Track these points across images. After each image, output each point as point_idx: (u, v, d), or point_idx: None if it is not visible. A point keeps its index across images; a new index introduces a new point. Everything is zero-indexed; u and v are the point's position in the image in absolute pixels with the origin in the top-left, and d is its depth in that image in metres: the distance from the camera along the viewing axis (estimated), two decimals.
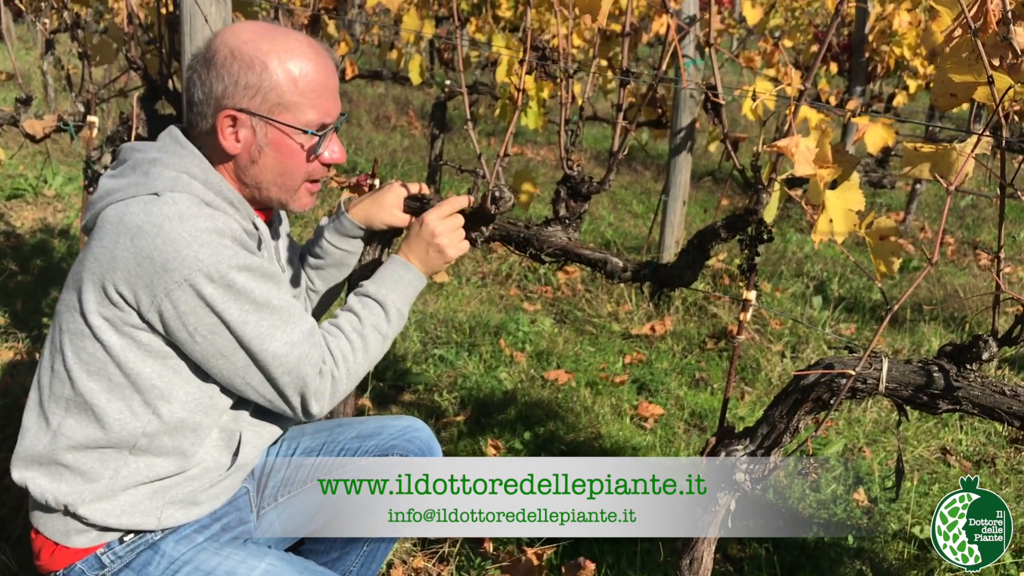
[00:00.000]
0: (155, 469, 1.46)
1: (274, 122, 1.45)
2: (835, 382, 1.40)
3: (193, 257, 1.32)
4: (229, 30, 1.47)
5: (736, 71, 12.04)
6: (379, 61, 8.05)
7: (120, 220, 1.36)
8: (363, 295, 1.61)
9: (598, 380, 3.51)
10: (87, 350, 1.40)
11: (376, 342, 1.57)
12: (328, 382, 1.48)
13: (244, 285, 1.36)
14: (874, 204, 6.89)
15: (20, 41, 12.79)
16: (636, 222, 6.00)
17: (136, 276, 1.33)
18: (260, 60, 1.42)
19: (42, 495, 1.44)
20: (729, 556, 2.45)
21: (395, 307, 1.61)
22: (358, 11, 6.13)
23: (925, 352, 3.95)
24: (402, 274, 1.64)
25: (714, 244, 1.61)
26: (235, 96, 1.43)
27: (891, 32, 5.21)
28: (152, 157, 1.44)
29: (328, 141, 1.53)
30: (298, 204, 1.57)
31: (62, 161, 6.28)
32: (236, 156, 1.48)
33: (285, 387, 1.44)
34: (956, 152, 1.32)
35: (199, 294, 1.33)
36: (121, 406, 1.42)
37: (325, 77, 1.48)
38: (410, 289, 1.65)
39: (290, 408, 1.47)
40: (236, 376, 1.42)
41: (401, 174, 6.73)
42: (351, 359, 1.52)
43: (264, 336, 1.39)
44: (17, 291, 3.89)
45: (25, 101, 2.87)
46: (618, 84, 1.76)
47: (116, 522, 1.44)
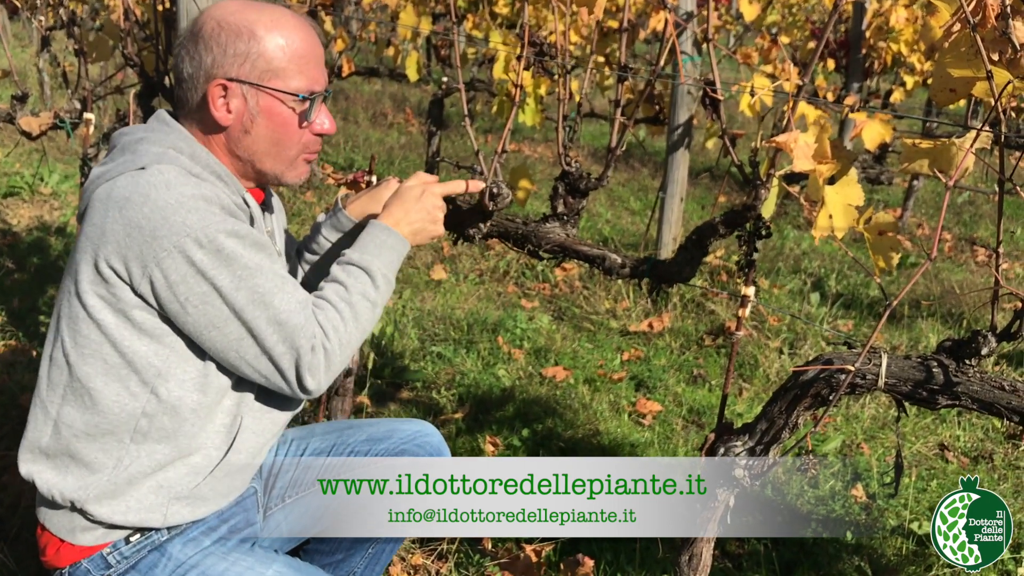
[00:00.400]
0: (156, 458, 1.44)
1: (265, 88, 1.45)
2: (834, 378, 1.40)
3: (181, 223, 1.31)
4: (215, 6, 1.47)
5: (733, 68, 12.04)
6: (376, 58, 8.04)
7: (108, 195, 1.35)
8: (346, 263, 1.55)
9: (596, 377, 3.51)
10: (82, 332, 1.39)
11: (365, 310, 1.52)
12: (321, 356, 1.43)
13: (234, 250, 1.34)
14: (871, 200, 6.89)
15: (16, 38, 12.77)
16: (634, 219, 6.00)
17: (126, 247, 1.32)
18: (248, 28, 1.43)
19: (48, 490, 1.44)
20: (728, 553, 2.45)
21: (381, 272, 1.55)
22: (355, 7, 6.12)
23: (923, 348, 3.95)
24: (384, 238, 1.58)
25: (712, 240, 1.61)
26: (224, 65, 1.43)
27: (888, 28, 5.22)
28: (139, 137, 1.44)
29: (318, 110, 1.52)
30: (294, 175, 1.55)
31: (59, 159, 6.27)
32: (228, 128, 1.47)
33: (280, 358, 1.40)
34: (955, 148, 1.32)
35: (189, 260, 1.32)
36: (119, 387, 1.41)
37: (311, 45, 1.49)
38: (394, 254, 1.59)
39: (286, 383, 1.43)
40: (230, 350, 1.40)
41: (398, 171, 6.73)
42: (342, 330, 1.47)
43: (258, 303, 1.37)
44: (14, 289, 3.89)
45: (21, 98, 2.86)
46: (616, 80, 1.76)
47: (122, 519, 1.44)
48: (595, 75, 4.96)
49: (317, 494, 1.79)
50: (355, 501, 1.84)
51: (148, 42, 2.82)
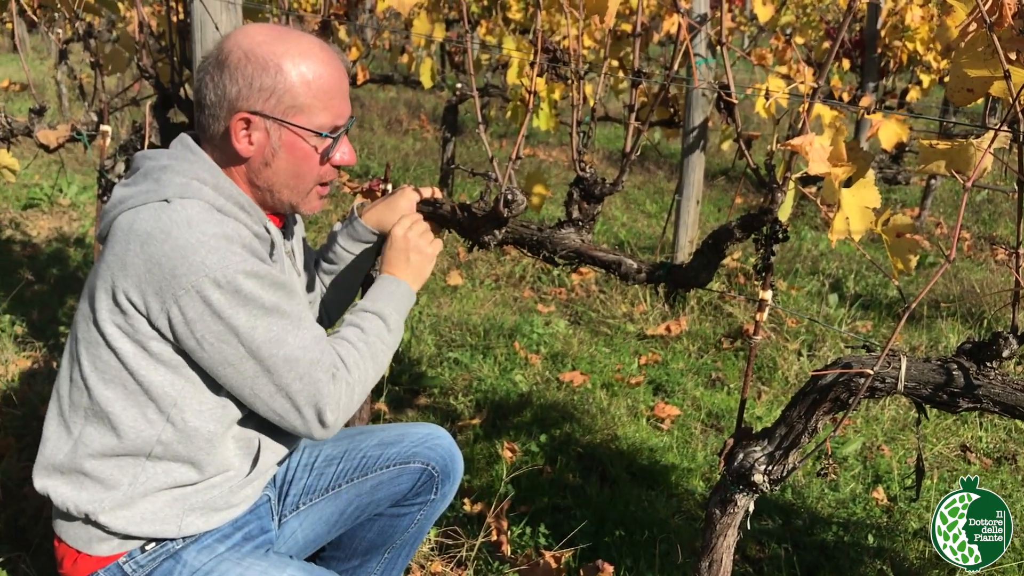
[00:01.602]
0: (173, 475, 1.46)
1: (289, 124, 1.45)
2: (853, 381, 1.39)
3: (200, 263, 1.32)
4: (241, 32, 1.46)
5: (748, 69, 12.01)
6: (390, 65, 8.07)
7: (130, 227, 1.36)
8: (360, 311, 1.61)
9: (614, 381, 3.50)
10: (102, 358, 1.40)
11: (381, 351, 1.57)
12: (343, 388, 1.46)
13: (252, 291, 1.35)
14: (889, 200, 6.85)
15: (34, 51, 12.88)
16: (650, 222, 5.98)
17: (145, 282, 1.33)
18: (274, 62, 1.42)
19: (64, 503, 1.45)
20: (748, 557, 2.44)
21: (392, 317, 1.61)
22: (369, 16, 6.14)
23: (943, 349, 3.92)
24: (392, 288, 1.65)
25: (729, 244, 1.60)
26: (249, 98, 1.42)
27: (903, 27, 5.18)
28: (163, 164, 1.44)
29: (340, 143, 1.52)
30: (308, 207, 1.56)
31: (77, 170, 6.31)
32: (249, 159, 1.47)
33: (296, 395, 1.41)
34: (973, 148, 1.31)
35: (206, 300, 1.33)
36: (136, 414, 1.42)
37: (337, 79, 1.48)
38: (403, 301, 1.66)
39: (302, 420, 1.44)
40: (245, 387, 1.41)
41: (414, 178, 6.74)
42: (361, 366, 1.51)
43: (274, 341, 1.38)
44: (33, 300, 3.91)
45: (39, 111, 2.88)
46: (630, 84, 1.75)
47: (137, 530, 1.45)
48: (609, 79, 4.96)
49: (331, 500, 1.79)
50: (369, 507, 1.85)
51: (163, 54, 2.83)
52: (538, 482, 2.71)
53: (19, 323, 3.63)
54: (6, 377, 3.10)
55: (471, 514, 2.54)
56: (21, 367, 3.20)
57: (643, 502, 2.65)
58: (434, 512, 1.88)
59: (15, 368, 3.18)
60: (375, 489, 1.81)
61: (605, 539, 2.45)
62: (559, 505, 2.62)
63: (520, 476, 2.71)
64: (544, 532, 2.47)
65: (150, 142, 2.65)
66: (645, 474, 2.83)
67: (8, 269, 4.31)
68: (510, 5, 5.68)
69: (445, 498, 1.88)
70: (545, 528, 2.48)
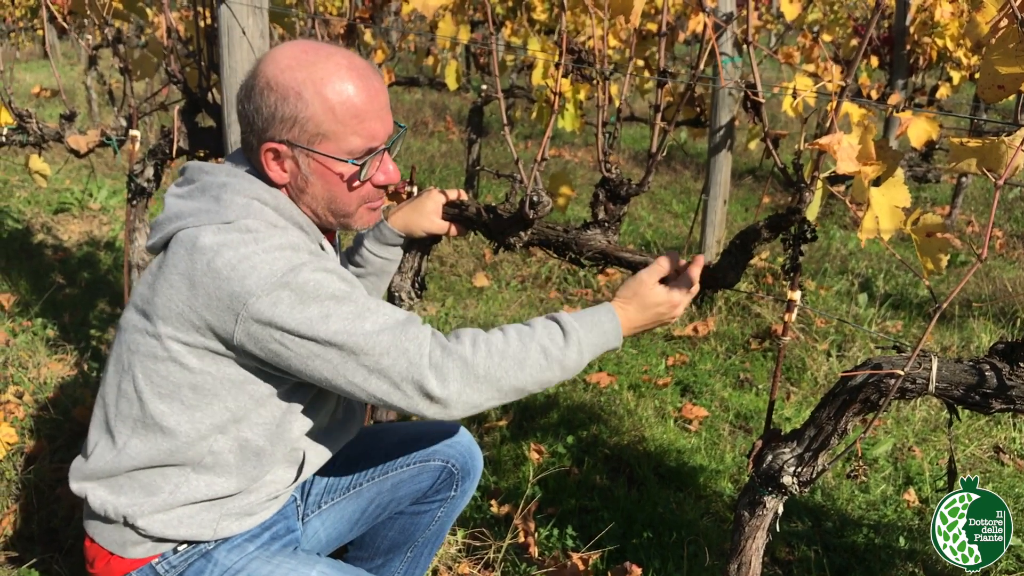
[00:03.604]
0: (215, 488, 1.47)
1: (315, 153, 1.42)
2: (883, 383, 1.37)
3: (268, 270, 1.31)
4: (269, 57, 1.42)
5: (775, 67, 11.92)
6: (416, 67, 8.08)
7: (194, 245, 1.35)
8: (553, 318, 1.50)
9: (641, 382, 3.49)
10: (160, 373, 1.40)
11: (536, 360, 1.43)
12: (455, 363, 1.36)
13: (320, 285, 1.33)
14: (919, 198, 6.78)
15: (65, 57, 13.05)
16: (676, 222, 5.96)
17: (217, 299, 1.32)
18: (295, 90, 1.38)
19: (102, 506, 1.46)
20: (778, 559, 2.42)
21: (577, 343, 1.46)
22: (394, 18, 6.16)
23: (975, 349, 3.87)
24: (603, 320, 1.52)
25: (757, 244, 1.58)
26: (273, 128, 1.40)
27: (932, 23, 5.12)
28: (221, 181, 1.43)
29: (376, 164, 1.48)
30: (359, 223, 1.54)
31: (107, 174, 6.38)
32: (286, 185, 1.47)
33: (388, 371, 1.34)
34: (1005, 145, 1.29)
35: (278, 302, 1.31)
36: (189, 429, 1.42)
37: (367, 99, 1.41)
38: (603, 338, 1.51)
39: (405, 397, 1.36)
40: (338, 376, 1.35)
41: (439, 180, 6.75)
42: (496, 358, 1.39)
43: (350, 325, 1.33)
44: (65, 304, 3.96)
45: (69, 117, 2.92)
46: (655, 84, 1.74)
47: (174, 533, 1.46)
48: (635, 79, 4.94)
49: (353, 499, 1.80)
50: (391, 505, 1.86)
51: (191, 59, 2.86)
52: (565, 484, 2.71)
53: (51, 326, 3.67)
54: (38, 380, 3.14)
55: (498, 516, 2.53)
56: (53, 370, 3.24)
57: (671, 504, 2.64)
58: (455, 509, 1.89)
59: (47, 371, 3.22)
60: (396, 487, 1.82)
61: (633, 541, 2.44)
62: (586, 507, 2.62)
63: (547, 478, 2.70)
64: (572, 534, 2.46)
65: (178, 146, 2.68)
66: (673, 476, 2.82)
67: (40, 273, 4.36)
68: (535, 6, 5.68)
69: (465, 495, 1.89)
70: (573, 530, 2.47)
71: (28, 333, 3.59)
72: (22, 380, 3.14)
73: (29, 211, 5.50)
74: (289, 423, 1.49)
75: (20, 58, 13.82)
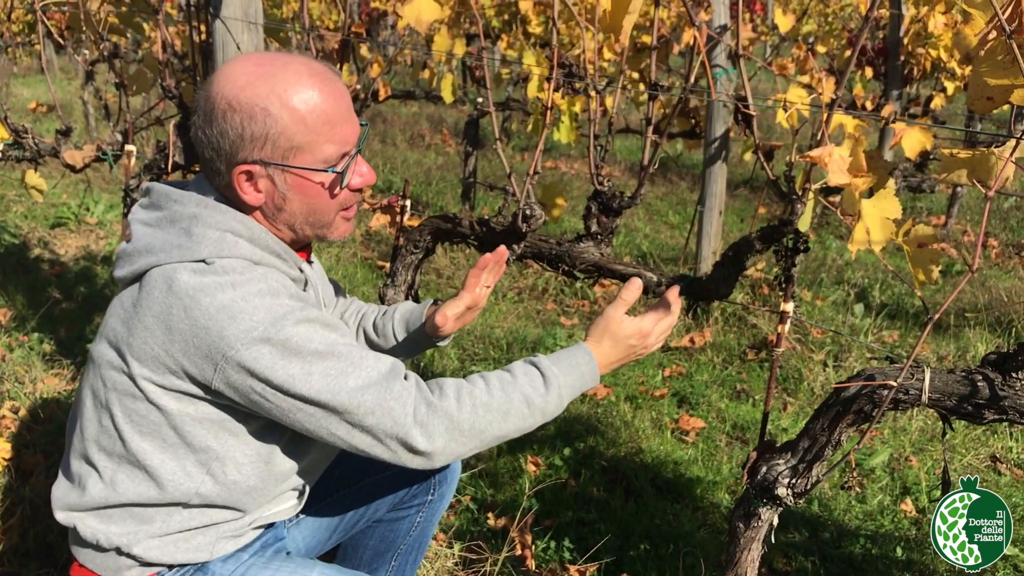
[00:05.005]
0: (210, 515, 1.45)
1: (291, 168, 1.37)
2: (877, 394, 1.38)
3: (248, 321, 1.27)
4: (222, 76, 1.35)
5: (770, 79, 11.96)
6: (412, 80, 8.11)
7: (169, 288, 1.30)
8: (531, 363, 1.48)
9: (638, 394, 3.49)
10: (139, 412, 1.36)
11: (519, 410, 1.42)
12: (440, 420, 1.34)
13: (303, 338, 1.30)
14: (915, 208, 6.80)
15: (63, 72, 13.08)
16: (672, 233, 5.97)
17: (195, 348, 1.29)
18: (260, 107, 1.31)
19: (93, 536, 1.42)
20: (775, 570, 2.42)
21: (557, 388, 1.46)
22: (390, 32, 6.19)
23: (971, 358, 3.87)
24: (580, 362, 1.51)
25: (749, 256, 1.59)
26: (244, 150, 1.34)
27: (926, 34, 5.15)
28: (192, 213, 1.38)
29: (352, 168, 1.43)
30: (336, 234, 1.50)
31: (104, 189, 6.39)
32: (262, 206, 1.41)
33: (373, 429, 1.33)
34: (995, 157, 1.30)
35: (259, 356, 1.28)
36: (175, 467, 1.39)
37: (334, 104, 1.36)
38: (581, 380, 1.51)
39: (389, 451, 1.34)
40: (320, 429, 1.34)
41: (436, 192, 6.76)
42: (480, 411, 1.38)
43: (332, 384, 1.30)
44: (61, 318, 3.96)
45: (65, 132, 2.92)
46: (647, 97, 1.75)
47: (170, 558, 1.43)
48: (630, 91, 4.96)
49: (330, 506, 1.80)
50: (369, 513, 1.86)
51: (186, 73, 2.87)
52: (562, 496, 2.70)
53: (47, 341, 3.67)
54: (35, 395, 3.14)
55: (495, 528, 2.53)
56: (50, 384, 3.23)
57: (668, 516, 2.64)
58: (434, 514, 1.88)
59: (43, 386, 3.21)
60: (373, 493, 1.81)
61: (630, 553, 2.44)
62: (583, 519, 2.61)
63: (544, 490, 2.70)
64: (568, 546, 2.46)
65: (174, 161, 2.68)
66: (670, 487, 2.82)
67: (36, 287, 4.36)
68: (530, 19, 5.70)
69: (443, 499, 1.88)
70: (569, 542, 2.47)
71: (24, 348, 3.59)
72: (18, 395, 3.13)
73: (26, 225, 5.50)
74: (276, 463, 1.46)
75: (18, 73, 13.86)
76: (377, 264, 5.05)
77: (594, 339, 1.54)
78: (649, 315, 1.56)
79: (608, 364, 1.54)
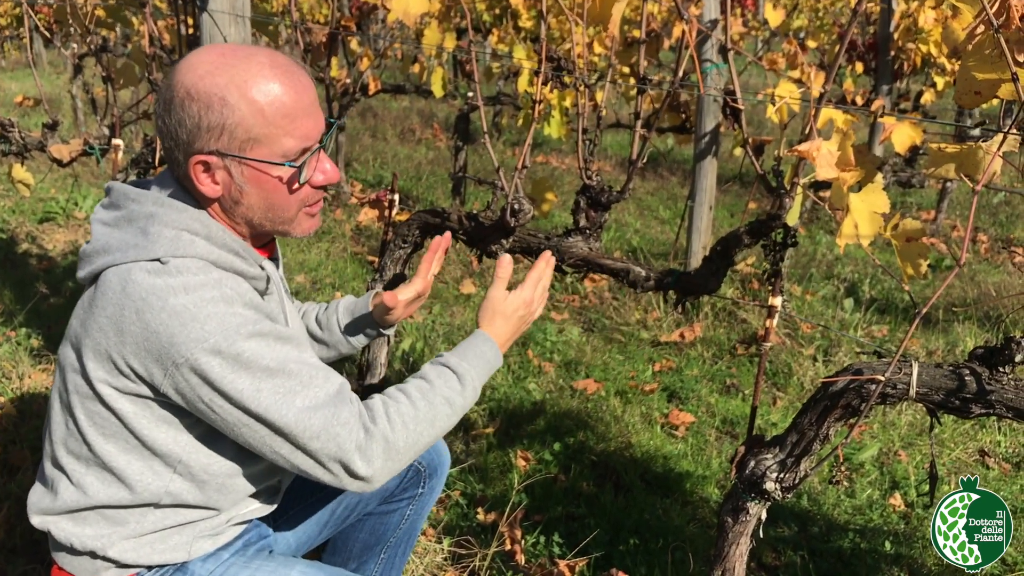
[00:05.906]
0: (184, 514, 1.44)
1: (247, 160, 1.33)
2: (864, 388, 1.37)
3: (199, 330, 1.25)
4: (184, 64, 1.32)
5: (761, 73, 11.98)
6: (402, 75, 8.09)
7: (123, 289, 1.28)
8: (442, 364, 1.50)
9: (628, 389, 3.49)
10: (100, 414, 1.35)
11: (444, 414, 1.45)
12: (378, 444, 1.34)
13: (254, 353, 1.28)
14: (905, 203, 6.81)
15: (51, 66, 13.02)
16: (663, 228, 5.97)
17: (145, 351, 1.27)
18: (218, 96, 1.28)
19: (67, 539, 1.41)
20: (764, 564, 2.42)
21: (472, 381, 1.50)
22: (380, 26, 6.17)
23: (960, 353, 3.88)
24: (484, 349, 1.55)
25: (738, 250, 1.59)
26: (200, 140, 1.31)
27: (917, 29, 5.16)
28: (148, 212, 1.35)
29: (313, 164, 1.40)
30: (299, 230, 1.47)
31: (92, 183, 6.36)
32: (219, 198, 1.39)
33: (316, 453, 1.32)
34: (982, 151, 1.30)
35: (208, 367, 1.26)
36: (142, 466, 1.37)
37: (296, 97, 1.33)
38: (488, 365, 1.55)
39: (330, 474, 1.34)
40: (264, 446, 1.33)
41: (426, 186, 6.75)
42: (411, 426, 1.39)
43: (281, 403, 1.29)
44: (49, 314, 3.94)
45: (52, 126, 2.90)
46: (636, 91, 1.75)
47: (147, 559, 1.42)
48: (620, 85, 4.95)
49: (320, 501, 1.80)
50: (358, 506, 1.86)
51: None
52: (552, 491, 2.70)
53: (35, 336, 3.65)
54: (22, 390, 3.12)
55: (484, 523, 2.53)
56: (37, 380, 3.22)
57: (657, 510, 2.64)
58: (423, 507, 1.89)
59: (30, 381, 3.20)
60: None
61: (619, 547, 2.44)
62: (573, 514, 2.61)
63: (534, 484, 2.70)
64: (558, 541, 2.46)
65: (161, 155, 2.67)
66: (659, 482, 2.82)
67: (24, 282, 4.34)
68: (521, 14, 5.69)
69: (433, 492, 1.88)
70: (559, 537, 2.47)
71: (12, 343, 3.57)
72: (5, 390, 3.12)
73: (13, 220, 5.47)
74: (244, 455, 1.44)
75: (5, 67, 13.80)
76: (367, 259, 5.04)
77: (487, 322, 1.61)
78: (527, 283, 1.64)
79: (506, 341, 1.61)
